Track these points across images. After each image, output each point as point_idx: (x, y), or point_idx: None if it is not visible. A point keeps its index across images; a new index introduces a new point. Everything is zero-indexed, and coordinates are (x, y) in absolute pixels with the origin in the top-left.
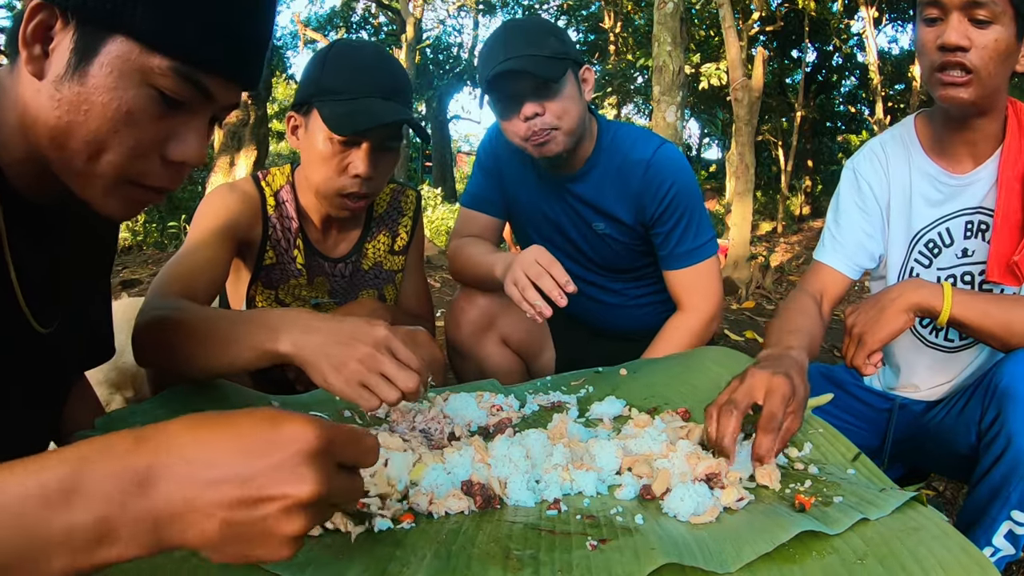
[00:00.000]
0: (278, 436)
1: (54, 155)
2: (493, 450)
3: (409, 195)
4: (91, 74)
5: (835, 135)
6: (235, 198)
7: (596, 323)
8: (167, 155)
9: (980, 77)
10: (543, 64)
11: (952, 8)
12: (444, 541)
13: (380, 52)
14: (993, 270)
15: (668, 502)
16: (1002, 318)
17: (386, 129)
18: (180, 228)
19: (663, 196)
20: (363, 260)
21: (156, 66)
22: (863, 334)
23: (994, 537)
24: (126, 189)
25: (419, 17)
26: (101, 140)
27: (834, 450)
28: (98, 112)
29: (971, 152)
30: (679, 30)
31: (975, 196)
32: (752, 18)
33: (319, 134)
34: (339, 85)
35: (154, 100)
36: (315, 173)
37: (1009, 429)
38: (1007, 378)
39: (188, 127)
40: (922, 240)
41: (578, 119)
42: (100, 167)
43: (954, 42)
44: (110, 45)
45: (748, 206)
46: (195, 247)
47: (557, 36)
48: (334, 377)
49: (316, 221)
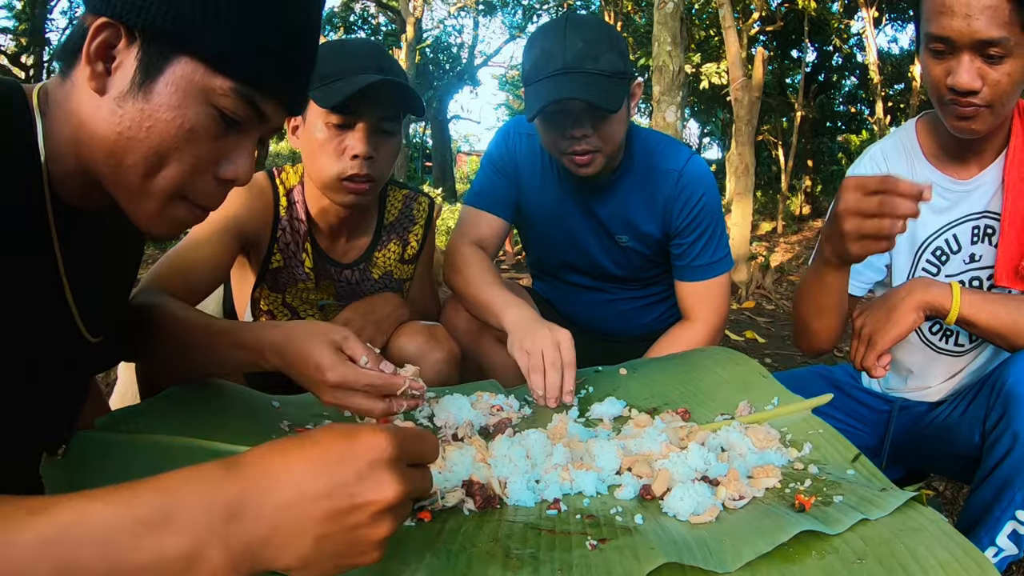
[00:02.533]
0: (355, 448)
1: (109, 170)
2: (493, 450)
3: (422, 202)
4: (156, 92)
5: (835, 135)
6: (248, 194)
7: (598, 328)
8: (219, 174)
9: (994, 109)
10: (604, 88)
11: (963, 47)
12: (444, 541)
13: (368, 40)
14: (1001, 275)
15: (668, 502)
16: (1010, 318)
17: (380, 108)
18: None
19: (692, 207)
20: (372, 268)
21: (219, 87)
22: (873, 334)
23: (998, 537)
24: (175, 207)
25: (419, 17)
26: (161, 156)
27: (834, 450)
28: (161, 129)
29: (976, 158)
30: (679, 30)
31: (980, 200)
32: (752, 18)
33: (316, 123)
34: (329, 69)
35: (214, 119)
36: (315, 163)
37: (1015, 429)
38: (1013, 378)
39: (240, 147)
40: (929, 248)
41: (621, 140)
42: (156, 183)
43: (966, 85)
44: (175, 65)
45: (748, 206)
46: (198, 241)
47: (618, 49)
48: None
49: (325, 226)
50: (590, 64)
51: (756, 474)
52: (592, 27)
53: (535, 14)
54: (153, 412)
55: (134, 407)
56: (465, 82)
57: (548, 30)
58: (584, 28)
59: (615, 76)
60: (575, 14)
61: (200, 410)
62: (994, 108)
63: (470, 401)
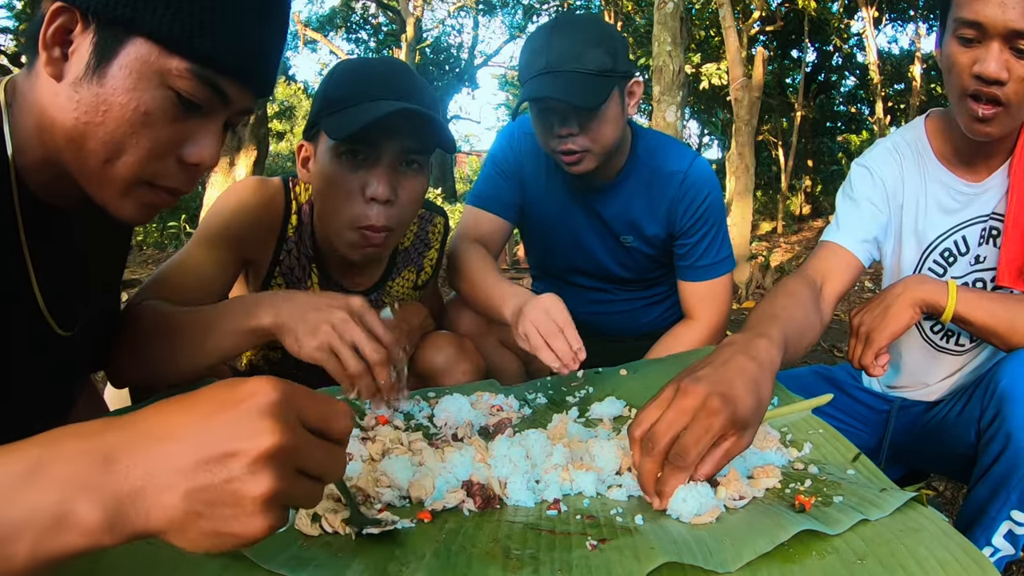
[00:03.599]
0: (234, 394)
1: (71, 157)
2: (493, 450)
3: (437, 224)
4: (110, 75)
5: (835, 135)
6: (258, 201)
7: (599, 328)
8: (183, 157)
9: (1012, 111)
10: (583, 87)
11: (995, 35)
12: (444, 541)
13: (391, 60)
14: (1003, 275)
15: (671, 504)
16: (1006, 317)
17: (403, 140)
18: (180, 228)
19: (697, 208)
20: (385, 298)
21: (174, 68)
22: (870, 331)
23: (994, 537)
24: (140, 191)
25: (419, 17)
26: (119, 141)
27: (834, 450)
28: (116, 113)
29: (986, 161)
30: (679, 30)
31: (989, 203)
32: (752, 18)
33: (327, 157)
34: (345, 94)
35: (171, 102)
36: (326, 204)
37: (1008, 428)
38: (1007, 378)
39: (204, 130)
40: (937, 249)
41: (613, 140)
42: (117, 168)
43: (994, 74)
44: (129, 47)
45: (748, 206)
46: (197, 255)
47: (607, 47)
48: (306, 341)
49: (334, 257)
50: (572, 63)
51: (756, 474)
52: (581, 27)
53: (535, 14)
54: None
55: (134, 407)
56: (465, 82)
57: (539, 31)
58: (572, 28)
59: (600, 74)
60: (568, 15)
61: None
62: (1011, 108)
63: (470, 401)
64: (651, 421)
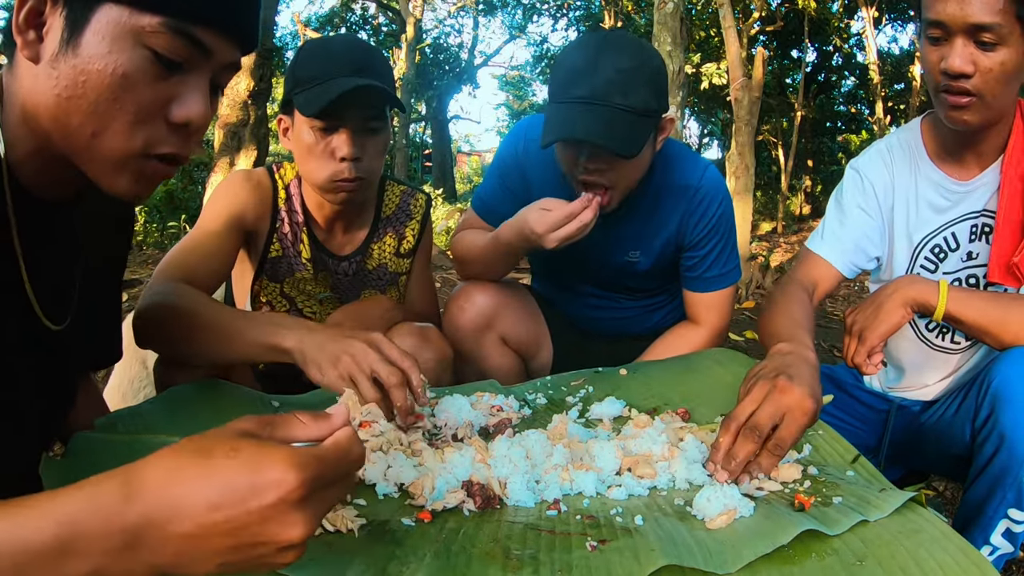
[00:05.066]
0: (261, 482)
1: (59, 137)
2: (493, 450)
3: (419, 199)
4: (84, 44)
5: (835, 135)
6: (249, 187)
7: (600, 329)
8: (171, 117)
9: (985, 100)
10: (624, 129)
11: (957, 31)
12: (444, 541)
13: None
14: (994, 271)
15: (696, 504)
16: (997, 315)
17: (362, 109)
18: (180, 228)
19: (707, 221)
20: (368, 260)
21: (147, 24)
22: (863, 330)
23: (992, 536)
24: (136, 163)
25: (419, 17)
26: (103, 111)
27: (833, 451)
28: (95, 81)
29: (977, 159)
30: (679, 30)
31: (980, 200)
32: (752, 18)
33: (303, 127)
34: (311, 73)
35: (150, 61)
36: (306, 166)
37: (1001, 429)
38: (1000, 378)
39: (189, 87)
40: (928, 245)
41: (638, 179)
42: (106, 141)
43: (958, 68)
44: (99, 13)
45: (748, 206)
46: (203, 236)
47: (655, 85)
48: (328, 371)
49: (321, 219)
50: (618, 98)
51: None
52: (629, 53)
53: (535, 14)
54: (153, 412)
55: (134, 408)
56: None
57: (582, 46)
58: (620, 54)
59: (644, 114)
60: (616, 33)
61: (200, 410)
62: (985, 98)
63: (470, 402)
64: (749, 412)
